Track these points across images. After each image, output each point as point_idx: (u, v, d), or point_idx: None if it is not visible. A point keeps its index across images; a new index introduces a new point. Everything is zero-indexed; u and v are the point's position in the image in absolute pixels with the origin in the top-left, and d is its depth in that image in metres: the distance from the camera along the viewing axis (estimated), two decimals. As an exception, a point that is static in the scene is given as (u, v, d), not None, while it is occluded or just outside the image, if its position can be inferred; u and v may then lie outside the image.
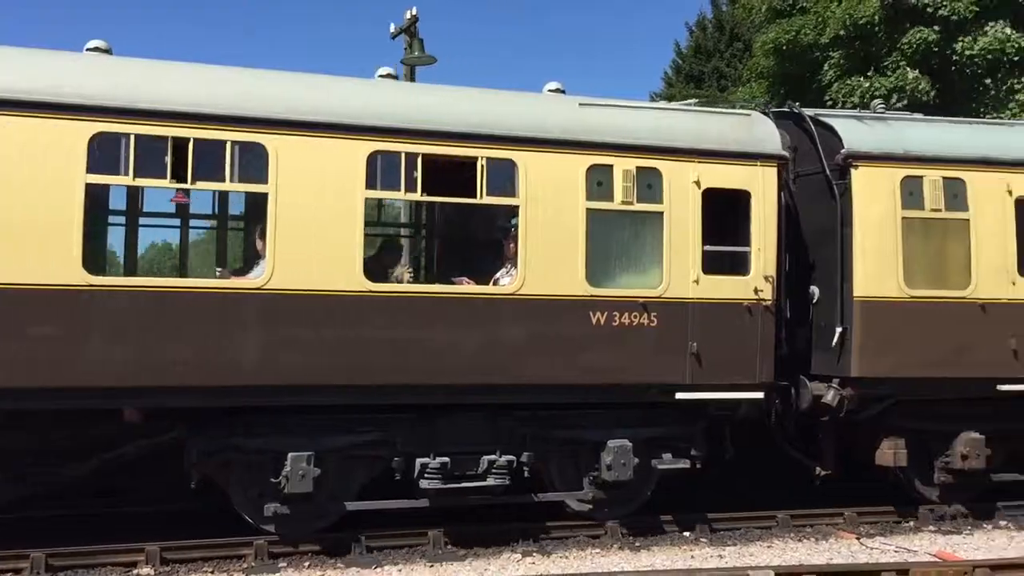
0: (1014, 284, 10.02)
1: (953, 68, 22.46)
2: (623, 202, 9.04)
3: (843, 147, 9.82)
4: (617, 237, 9.12)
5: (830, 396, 9.74)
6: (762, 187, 9.46)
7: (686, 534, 9.57)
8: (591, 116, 9.16)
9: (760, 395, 9.45)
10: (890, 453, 9.95)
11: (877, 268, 9.71)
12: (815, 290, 10.14)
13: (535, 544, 8.99)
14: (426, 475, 8.63)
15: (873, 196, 9.78)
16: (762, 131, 9.74)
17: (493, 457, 8.83)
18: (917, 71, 21.72)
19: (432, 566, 8.43)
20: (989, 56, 21.63)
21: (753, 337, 9.35)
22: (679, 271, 9.13)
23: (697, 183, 9.26)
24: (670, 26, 62.53)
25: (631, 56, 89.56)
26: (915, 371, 9.77)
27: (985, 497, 10.52)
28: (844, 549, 9.34)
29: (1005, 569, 8.00)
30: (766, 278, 9.38)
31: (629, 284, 9.10)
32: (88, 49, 8.35)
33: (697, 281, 9.18)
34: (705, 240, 9.26)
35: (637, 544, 9.19)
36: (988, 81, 22.22)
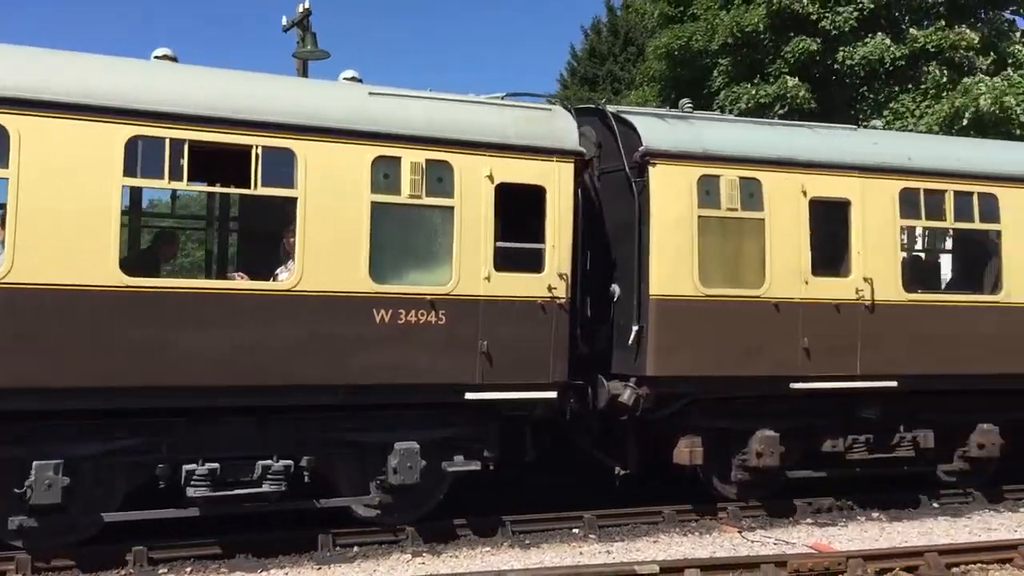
0: (807, 284, 10.17)
1: (834, 78, 23.40)
2: (411, 196, 8.71)
3: (642, 144, 9.77)
4: (404, 232, 8.80)
5: (626, 395, 9.67)
6: (558, 183, 9.30)
7: (575, 531, 9.60)
8: (378, 106, 8.80)
9: (553, 395, 9.29)
10: (686, 452, 9.95)
11: (673, 267, 9.69)
12: (616, 288, 10.07)
13: (426, 544, 8.90)
14: (193, 482, 8.10)
15: (670, 194, 9.76)
16: (561, 126, 9.58)
17: (268, 462, 8.37)
18: (796, 79, 22.39)
19: (320, 568, 8.21)
20: (867, 66, 22.53)
21: (546, 336, 9.17)
22: (470, 268, 8.88)
23: (490, 177, 9.01)
24: (569, 27, 62.53)
25: (529, 55, 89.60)
26: (710, 370, 9.80)
27: (782, 494, 10.68)
28: (727, 543, 9.48)
29: (876, 559, 8.27)
30: (560, 275, 9.22)
31: (417, 281, 8.79)
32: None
33: (488, 278, 8.94)
34: (498, 236, 9.04)
35: (527, 542, 9.20)
36: (865, 90, 23.16)
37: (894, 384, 10.45)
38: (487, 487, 9.85)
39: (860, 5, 22.34)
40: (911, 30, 22.85)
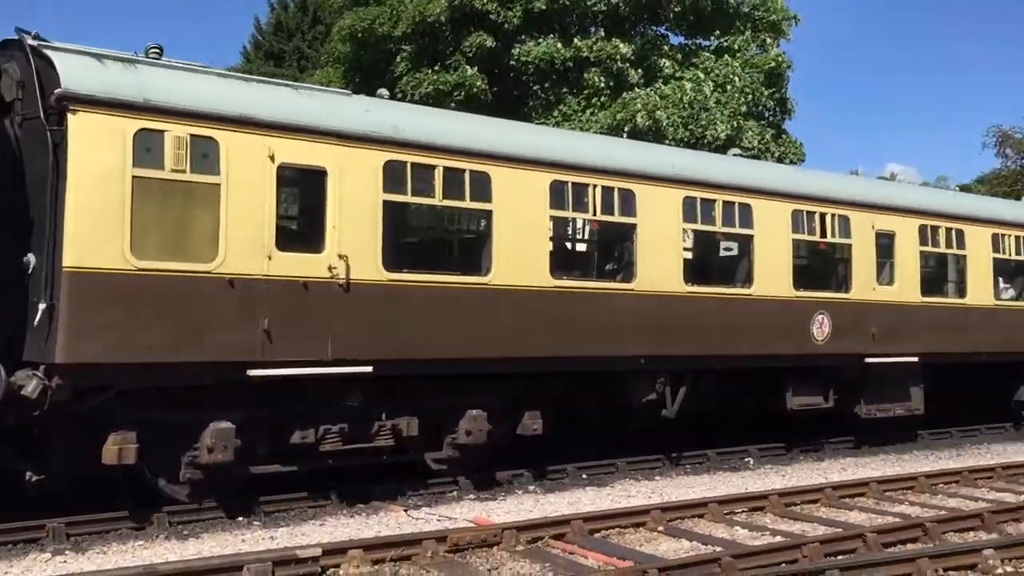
0: (271, 259, 9.15)
1: (512, 74, 24.51)
2: None
3: (60, 86, 8.16)
4: None
5: (31, 387, 8.04)
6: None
7: (240, 519, 9.26)
8: None
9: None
10: (115, 450, 8.52)
11: (95, 234, 8.21)
12: (31, 258, 8.39)
13: (68, 541, 8.31)
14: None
15: (95, 148, 8.28)
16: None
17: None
18: (475, 70, 23.25)
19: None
20: (541, 65, 23.69)
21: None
22: None
23: None
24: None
25: (218, 24, 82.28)
26: (140, 356, 8.44)
27: (244, 493, 9.63)
28: (392, 521, 9.48)
29: (528, 529, 8.69)
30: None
31: None
32: None
33: None
34: None
35: (185, 533, 8.77)
36: (537, 89, 24.47)
37: (369, 369, 9.74)
38: None
39: (531, 5, 23.39)
40: (575, 39, 24.07)
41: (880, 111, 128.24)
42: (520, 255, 10.81)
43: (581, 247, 12.75)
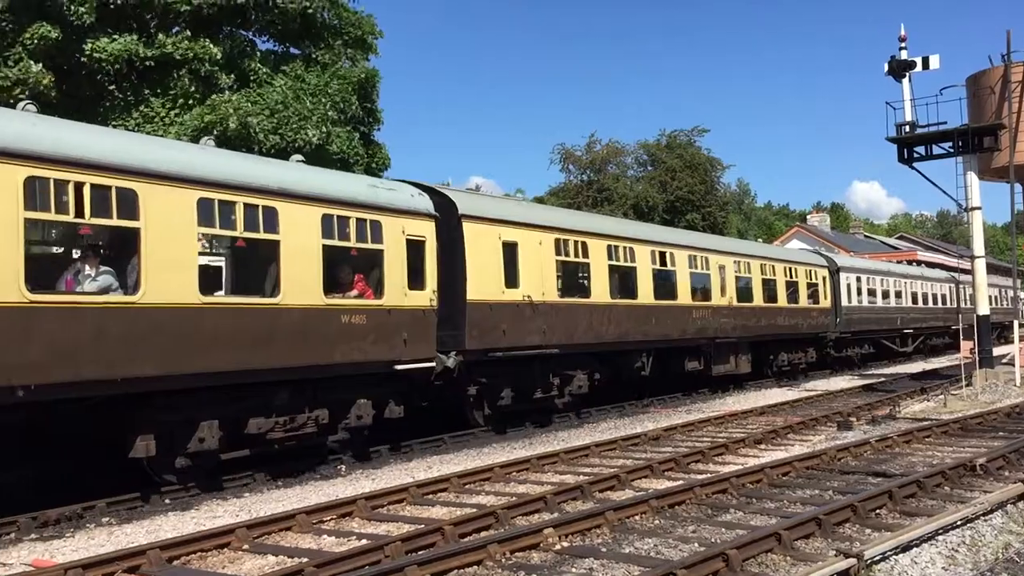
0: None
1: (84, 72, 22.36)
2: None
3: None
4: None
5: None
6: None
7: None
8: None
9: None
10: None
11: None
12: None
13: None
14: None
15: None
16: None
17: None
18: (40, 66, 20.95)
19: None
20: (118, 64, 22.09)
21: None
22: None
23: None
24: None
25: None
26: None
27: None
28: None
29: (96, 566, 8.01)
30: None
31: None
32: None
33: None
34: None
35: None
36: (114, 88, 22.75)
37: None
38: None
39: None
40: (160, 35, 22.73)
41: (464, 127, 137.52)
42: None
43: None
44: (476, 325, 15.98)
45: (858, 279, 34.24)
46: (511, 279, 16.94)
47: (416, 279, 14.66)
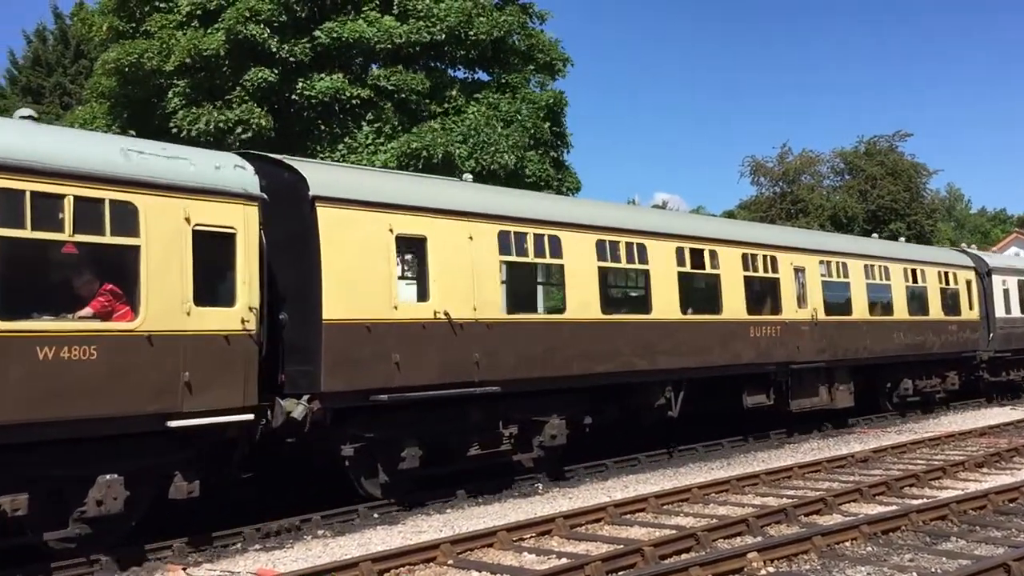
0: None
1: (292, 109, 24.18)
2: None
3: None
4: None
5: None
6: None
7: None
8: None
9: None
10: None
11: None
12: None
13: None
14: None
15: None
16: None
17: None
18: (259, 107, 22.71)
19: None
20: (325, 99, 23.47)
21: None
22: None
23: None
24: (7, 30, 55.04)
25: None
26: None
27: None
28: None
29: None
30: None
31: None
32: None
33: None
34: None
35: None
36: (321, 123, 24.22)
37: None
38: None
39: (317, 40, 23.38)
40: (372, 68, 24.25)
41: (649, 144, 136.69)
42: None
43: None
44: (342, 356, 11.05)
45: (1020, 284, 27.14)
46: (417, 289, 12.25)
47: (213, 290, 10.11)
